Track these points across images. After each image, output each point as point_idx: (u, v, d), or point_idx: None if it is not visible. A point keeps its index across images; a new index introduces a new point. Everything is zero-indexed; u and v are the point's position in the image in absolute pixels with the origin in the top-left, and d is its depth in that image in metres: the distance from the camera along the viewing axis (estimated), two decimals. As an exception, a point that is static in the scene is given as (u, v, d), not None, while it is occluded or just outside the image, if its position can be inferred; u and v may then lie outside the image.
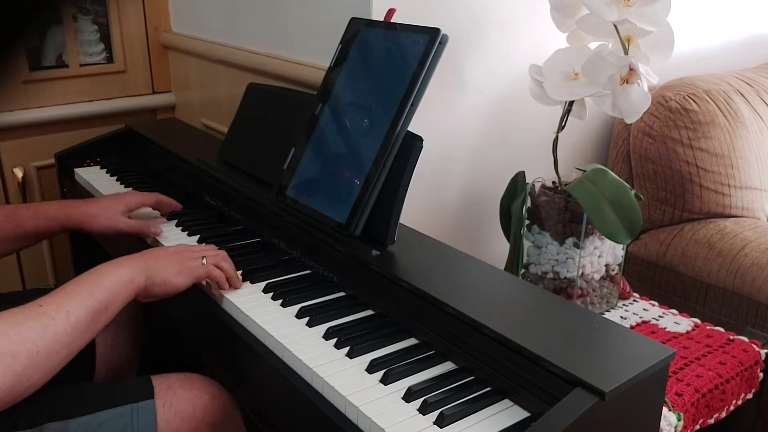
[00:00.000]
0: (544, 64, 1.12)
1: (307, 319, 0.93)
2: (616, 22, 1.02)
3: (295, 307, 0.95)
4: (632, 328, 1.15)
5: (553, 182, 1.19)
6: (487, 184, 1.36)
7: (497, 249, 1.35)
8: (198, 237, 1.20)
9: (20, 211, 1.15)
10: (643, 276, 1.54)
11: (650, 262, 1.53)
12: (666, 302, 1.24)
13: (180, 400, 0.97)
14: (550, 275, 1.18)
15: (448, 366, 0.85)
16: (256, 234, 1.20)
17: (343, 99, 1.09)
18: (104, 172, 1.56)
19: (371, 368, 0.82)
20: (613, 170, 1.28)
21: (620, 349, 0.78)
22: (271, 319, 0.93)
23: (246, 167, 1.29)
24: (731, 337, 1.13)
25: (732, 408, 1.09)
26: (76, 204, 1.18)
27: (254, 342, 0.92)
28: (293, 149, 1.14)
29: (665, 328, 1.15)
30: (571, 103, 1.14)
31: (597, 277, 1.18)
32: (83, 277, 0.88)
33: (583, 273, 1.16)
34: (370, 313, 0.96)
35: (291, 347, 0.86)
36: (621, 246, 1.19)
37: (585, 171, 1.15)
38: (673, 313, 1.21)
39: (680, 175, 1.48)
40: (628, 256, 1.55)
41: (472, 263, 0.98)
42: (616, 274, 1.21)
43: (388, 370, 0.81)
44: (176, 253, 0.99)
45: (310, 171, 1.10)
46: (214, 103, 1.72)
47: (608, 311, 1.21)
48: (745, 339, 1.13)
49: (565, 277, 1.17)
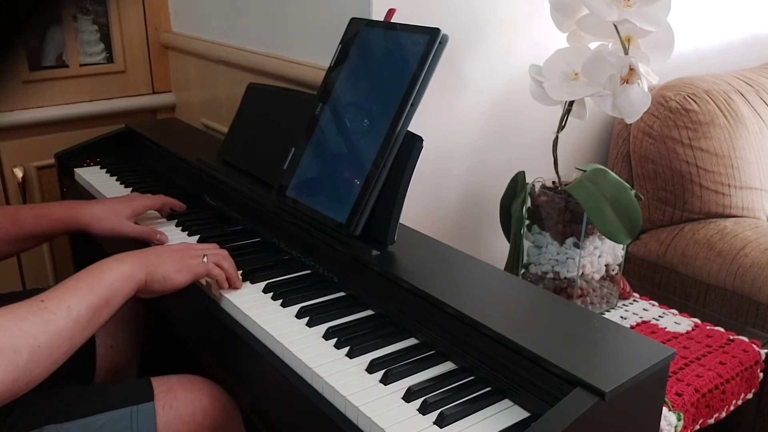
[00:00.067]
0: (544, 64, 1.12)
1: (307, 319, 0.93)
2: (616, 22, 1.02)
3: (295, 307, 0.95)
4: (632, 328, 1.15)
5: (553, 182, 1.19)
6: (487, 184, 1.36)
7: (497, 249, 1.35)
8: (198, 237, 1.19)
9: (23, 213, 1.14)
10: (643, 276, 1.54)
11: (650, 262, 1.53)
12: (666, 302, 1.24)
13: (180, 402, 0.97)
14: (550, 275, 1.18)
15: (448, 366, 0.85)
16: (256, 234, 1.20)
17: (343, 99, 1.09)
18: (104, 172, 1.55)
19: (371, 368, 0.82)
20: (613, 170, 1.28)
21: (620, 349, 0.78)
22: (271, 319, 0.93)
23: (246, 167, 1.29)
24: (731, 337, 1.13)
25: (732, 408, 1.09)
26: (81, 205, 1.17)
27: (254, 342, 0.91)
28: (293, 149, 1.14)
29: (665, 328, 1.15)
30: (571, 103, 1.14)
31: (597, 277, 1.18)
32: (84, 272, 0.88)
33: (583, 273, 1.16)
34: (370, 313, 0.96)
35: (291, 347, 0.86)
36: (621, 246, 1.19)
37: (585, 171, 1.15)
38: (673, 313, 1.21)
39: (680, 175, 1.48)
40: (628, 256, 1.55)
41: (472, 263, 0.98)
42: (616, 274, 1.21)
43: (388, 370, 0.81)
44: (177, 251, 0.99)
45: (310, 171, 1.10)
46: (214, 103, 1.72)
47: (608, 311, 1.21)
48: (745, 339, 1.13)
49: (565, 277, 1.17)
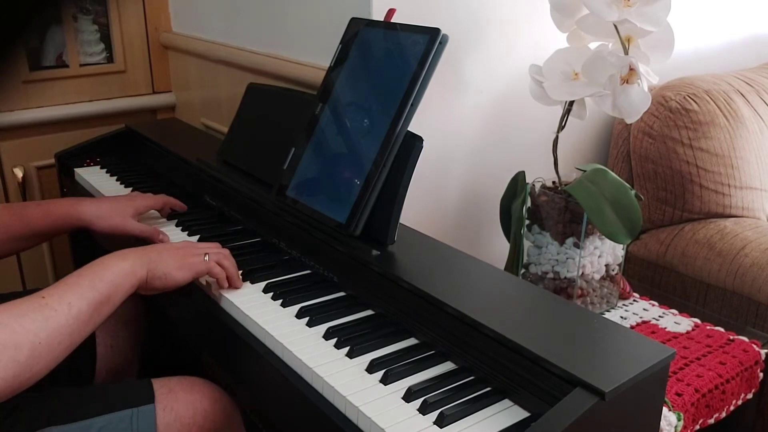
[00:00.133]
0: (544, 64, 1.12)
1: (307, 319, 0.93)
2: (616, 22, 1.02)
3: (295, 307, 0.95)
4: (632, 328, 1.15)
5: (553, 182, 1.19)
6: (487, 184, 1.36)
7: (497, 249, 1.35)
8: (198, 237, 1.19)
9: (29, 210, 1.14)
10: (643, 276, 1.54)
11: (650, 262, 1.53)
12: (666, 302, 1.24)
13: (180, 404, 0.97)
14: (550, 275, 1.18)
15: (448, 366, 0.85)
16: (256, 234, 1.20)
17: (343, 99, 1.09)
18: (104, 172, 1.56)
19: (371, 368, 0.82)
20: (613, 170, 1.28)
21: (620, 349, 0.78)
22: (271, 319, 0.93)
23: (246, 167, 1.29)
24: (731, 337, 1.13)
25: (732, 408, 1.09)
26: (85, 202, 1.18)
27: (254, 342, 0.91)
28: (293, 149, 1.14)
29: (665, 328, 1.15)
30: (571, 103, 1.14)
31: (597, 277, 1.18)
32: (85, 269, 0.88)
33: (583, 273, 1.16)
34: (370, 313, 0.96)
35: (291, 347, 0.86)
36: (621, 246, 1.19)
37: (585, 171, 1.15)
38: (673, 313, 1.21)
39: (680, 175, 1.48)
40: (628, 256, 1.55)
41: (472, 263, 0.98)
42: (616, 274, 1.21)
43: (388, 370, 0.81)
44: (179, 249, 0.99)
45: (310, 171, 1.10)
46: (214, 103, 1.72)
47: (608, 311, 1.21)
48: (745, 339, 1.13)
49: (565, 277, 1.17)
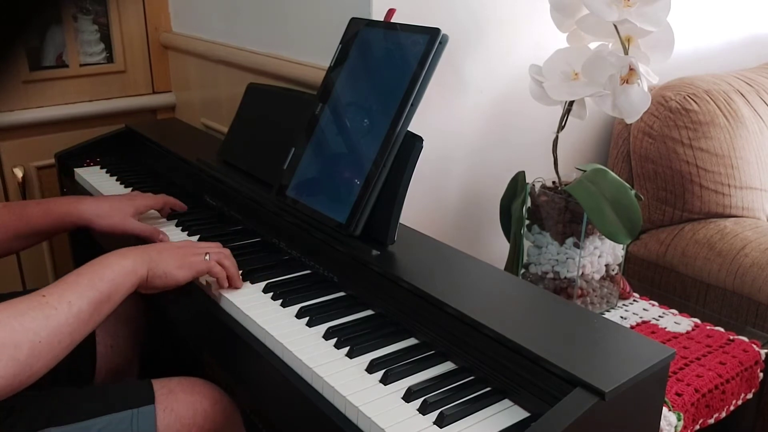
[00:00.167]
0: (544, 64, 1.12)
1: (307, 319, 0.93)
2: (616, 22, 1.02)
3: (295, 307, 0.95)
4: (632, 328, 1.15)
5: (553, 182, 1.19)
6: (487, 184, 1.36)
7: (497, 249, 1.35)
8: (198, 237, 1.19)
9: (29, 209, 1.14)
10: (643, 276, 1.54)
11: (650, 262, 1.53)
12: (666, 302, 1.24)
13: (181, 405, 0.97)
14: (550, 275, 1.18)
15: (448, 366, 0.85)
16: (256, 234, 1.20)
17: (343, 99, 1.09)
18: (104, 172, 1.55)
19: (371, 368, 0.82)
20: (613, 170, 1.28)
21: (620, 349, 0.78)
22: (271, 319, 0.93)
23: (246, 167, 1.29)
24: (731, 337, 1.13)
25: (732, 408, 1.09)
26: (85, 201, 1.18)
27: (254, 342, 0.91)
28: (293, 149, 1.14)
29: (665, 328, 1.15)
30: (571, 103, 1.14)
31: (597, 277, 1.18)
32: (85, 267, 0.88)
33: (583, 273, 1.16)
34: (370, 313, 0.96)
35: (291, 347, 0.86)
36: (621, 246, 1.19)
37: (585, 171, 1.15)
38: (673, 313, 1.21)
39: (680, 175, 1.48)
40: (628, 256, 1.55)
41: (472, 263, 0.98)
42: (616, 274, 1.21)
43: (388, 370, 0.81)
44: (180, 248, 0.99)
45: (310, 171, 1.10)
46: (214, 103, 1.72)
47: (608, 311, 1.21)
48: (745, 339, 1.13)
49: (565, 277, 1.17)
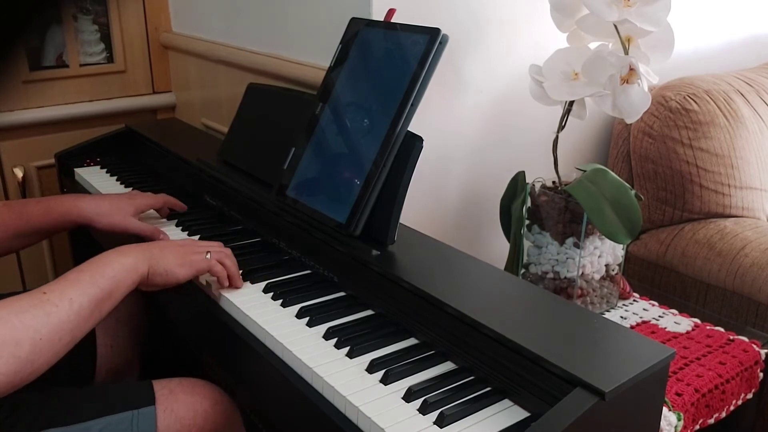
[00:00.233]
0: (544, 64, 1.12)
1: (307, 319, 0.93)
2: (616, 22, 1.02)
3: (295, 307, 0.95)
4: (632, 328, 1.15)
5: (553, 182, 1.19)
6: (487, 184, 1.36)
7: (497, 249, 1.35)
8: (198, 237, 1.19)
9: (30, 207, 1.14)
10: (643, 276, 1.54)
11: (650, 262, 1.53)
12: (666, 302, 1.24)
13: (181, 406, 0.97)
14: (550, 275, 1.18)
15: (448, 366, 0.85)
16: (256, 234, 1.20)
17: (343, 99, 1.09)
18: (104, 172, 1.56)
19: (371, 368, 0.82)
20: (613, 170, 1.28)
21: (620, 349, 0.78)
22: (271, 319, 0.93)
23: (246, 167, 1.29)
24: (731, 337, 1.13)
25: (732, 408, 1.09)
26: (85, 199, 1.18)
27: (254, 342, 0.91)
28: (293, 149, 1.14)
29: (665, 328, 1.15)
30: (571, 103, 1.14)
31: (597, 277, 1.18)
32: (87, 264, 0.88)
33: (583, 273, 1.16)
34: (370, 313, 0.96)
35: (291, 347, 0.86)
36: (621, 246, 1.19)
37: (585, 171, 1.15)
38: (673, 313, 1.21)
39: (680, 175, 1.48)
40: (628, 256, 1.55)
41: (472, 263, 0.98)
42: (616, 274, 1.21)
43: (388, 370, 0.81)
44: (181, 246, 0.99)
45: (311, 171, 1.10)
46: (214, 103, 1.72)
47: (608, 311, 1.21)
48: (745, 339, 1.13)
49: (565, 277, 1.17)
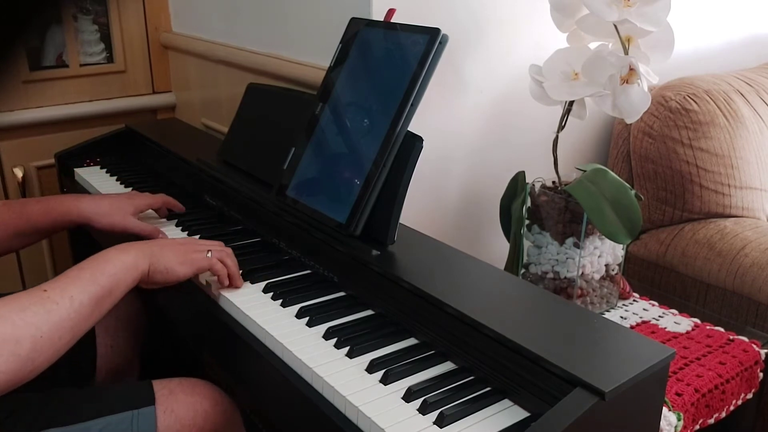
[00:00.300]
0: (544, 64, 1.12)
1: (307, 319, 0.93)
2: (616, 22, 1.02)
3: (295, 307, 0.95)
4: (632, 328, 1.15)
5: (553, 182, 1.19)
6: (487, 184, 1.36)
7: (497, 249, 1.35)
8: (198, 237, 1.19)
9: (30, 207, 1.15)
10: (643, 276, 1.54)
11: (650, 262, 1.53)
12: (666, 302, 1.24)
13: (181, 406, 0.97)
14: (550, 275, 1.18)
15: (448, 366, 0.85)
16: (256, 234, 1.20)
17: (343, 99, 1.09)
18: (104, 172, 1.56)
19: (371, 368, 0.82)
20: (613, 170, 1.28)
21: (620, 349, 0.78)
22: (271, 319, 0.93)
23: (246, 167, 1.29)
24: (731, 337, 1.13)
25: (732, 408, 1.09)
26: (85, 199, 1.18)
27: (254, 342, 0.91)
28: (293, 149, 1.14)
29: (665, 328, 1.15)
30: (571, 103, 1.14)
31: (597, 277, 1.18)
32: (87, 262, 0.88)
33: (583, 273, 1.16)
34: (370, 313, 0.96)
35: (291, 347, 0.86)
36: (621, 246, 1.19)
37: (585, 171, 1.15)
38: (673, 313, 1.21)
39: (680, 175, 1.48)
40: (628, 256, 1.55)
41: (472, 263, 0.98)
42: (616, 274, 1.21)
43: (388, 370, 0.81)
44: (181, 244, 0.99)
45: (310, 171, 1.10)
46: (214, 103, 1.72)
47: (608, 311, 1.21)
48: (745, 339, 1.13)
49: (565, 277, 1.17)
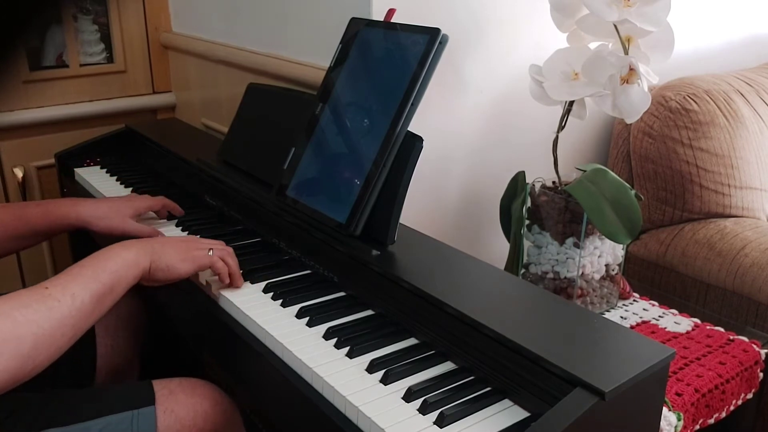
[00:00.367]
0: (544, 64, 1.12)
1: (307, 319, 0.93)
2: (616, 22, 1.02)
3: (295, 307, 0.95)
4: (632, 328, 1.15)
5: (553, 182, 1.19)
6: (487, 184, 1.36)
7: (497, 249, 1.35)
8: (198, 237, 1.19)
9: (29, 210, 1.15)
10: (643, 276, 1.54)
11: (650, 262, 1.53)
12: (666, 302, 1.24)
13: (181, 407, 0.97)
14: (550, 275, 1.18)
15: (448, 366, 0.85)
16: (256, 234, 1.20)
17: (343, 99, 1.09)
18: (104, 172, 1.56)
19: (371, 368, 0.82)
20: (613, 170, 1.28)
21: (620, 349, 0.78)
22: (271, 319, 0.93)
23: (246, 167, 1.29)
24: (731, 337, 1.13)
25: (732, 408, 1.09)
26: (84, 203, 1.18)
27: (254, 342, 0.92)
28: (293, 149, 1.14)
29: (665, 328, 1.15)
30: (571, 103, 1.14)
31: (597, 277, 1.18)
32: (89, 259, 0.88)
33: (583, 273, 1.16)
34: (370, 313, 0.96)
35: (291, 347, 0.86)
36: (621, 246, 1.19)
37: (585, 171, 1.15)
38: (673, 313, 1.21)
39: (680, 175, 1.48)
40: (628, 256, 1.55)
41: (472, 263, 0.98)
42: (616, 274, 1.21)
43: (388, 370, 0.81)
44: (183, 242, 1.00)
45: (311, 171, 1.10)
46: (214, 103, 1.72)
47: (608, 311, 1.21)
48: (745, 339, 1.13)
49: (565, 277, 1.17)
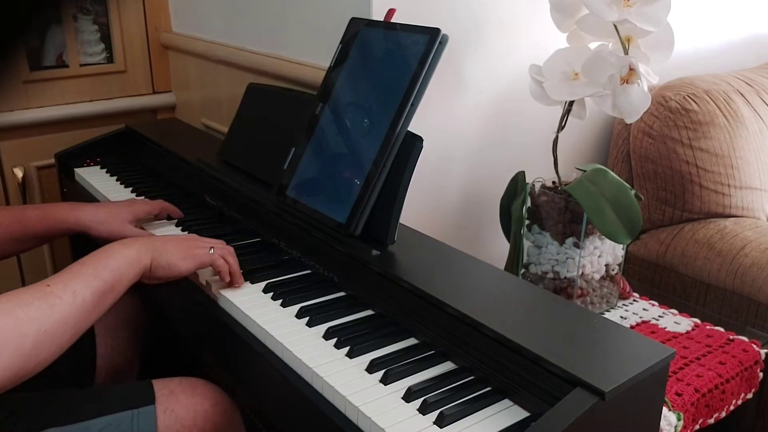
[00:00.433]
0: (544, 64, 1.12)
1: (307, 319, 0.93)
2: (616, 22, 1.02)
3: (295, 307, 0.95)
4: (632, 328, 1.15)
5: (553, 182, 1.19)
6: (487, 184, 1.36)
7: (497, 249, 1.35)
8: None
9: (28, 213, 1.15)
10: (643, 276, 1.54)
11: (650, 262, 1.53)
12: (666, 302, 1.24)
13: (181, 407, 0.97)
14: (550, 275, 1.18)
15: (448, 366, 0.85)
16: (256, 234, 1.20)
17: (343, 99, 1.09)
18: (104, 172, 1.55)
19: (371, 368, 0.82)
20: (613, 170, 1.28)
21: (620, 349, 0.78)
22: (271, 319, 0.93)
23: (246, 167, 1.29)
24: (731, 337, 1.13)
25: (732, 408, 1.09)
26: (83, 207, 1.18)
27: (254, 342, 0.92)
28: (293, 149, 1.14)
29: (665, 328, 1.15)
30: (571, 103, 1.14)
31: (597, 277, 1.18)
32: (90, 257, 0.88)
33: (583, 273, 1.16)
34: (370, 313, 0.96)
35: (291, 347, 0.86)
36: (621, 246, 1.19)
37: (585, 171, 1.15)
38: (673, 313, 1.21)
39: (680, 175, 1.48)
40: (628, 256, 1.55)
41: (472, 263, 0.98)
42: (616, 274, 1.21)
43: (388, 370, 0.81)
44: (184, 240, 1.00)
45: (311, 171, 1.10)
46: (214, 103, 1.72)
47: (608, 311, 1.21)
48: (745, 339, 1.13)
49: (565, 277, 1.17)
